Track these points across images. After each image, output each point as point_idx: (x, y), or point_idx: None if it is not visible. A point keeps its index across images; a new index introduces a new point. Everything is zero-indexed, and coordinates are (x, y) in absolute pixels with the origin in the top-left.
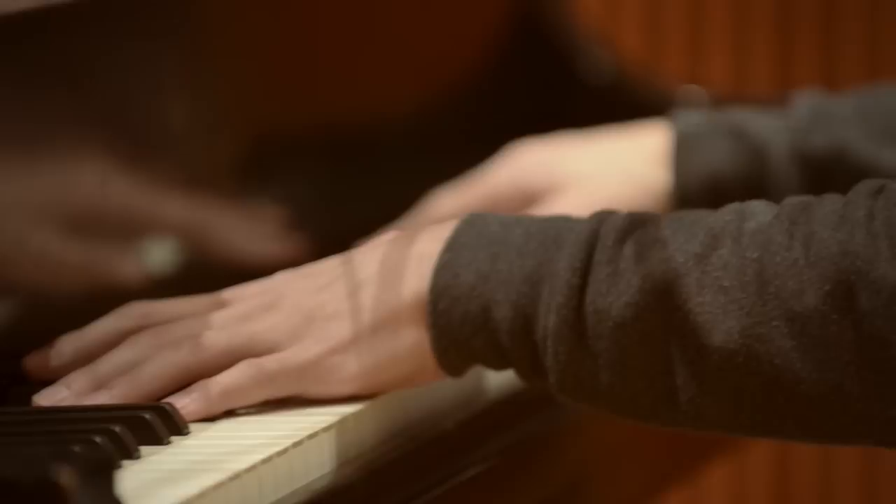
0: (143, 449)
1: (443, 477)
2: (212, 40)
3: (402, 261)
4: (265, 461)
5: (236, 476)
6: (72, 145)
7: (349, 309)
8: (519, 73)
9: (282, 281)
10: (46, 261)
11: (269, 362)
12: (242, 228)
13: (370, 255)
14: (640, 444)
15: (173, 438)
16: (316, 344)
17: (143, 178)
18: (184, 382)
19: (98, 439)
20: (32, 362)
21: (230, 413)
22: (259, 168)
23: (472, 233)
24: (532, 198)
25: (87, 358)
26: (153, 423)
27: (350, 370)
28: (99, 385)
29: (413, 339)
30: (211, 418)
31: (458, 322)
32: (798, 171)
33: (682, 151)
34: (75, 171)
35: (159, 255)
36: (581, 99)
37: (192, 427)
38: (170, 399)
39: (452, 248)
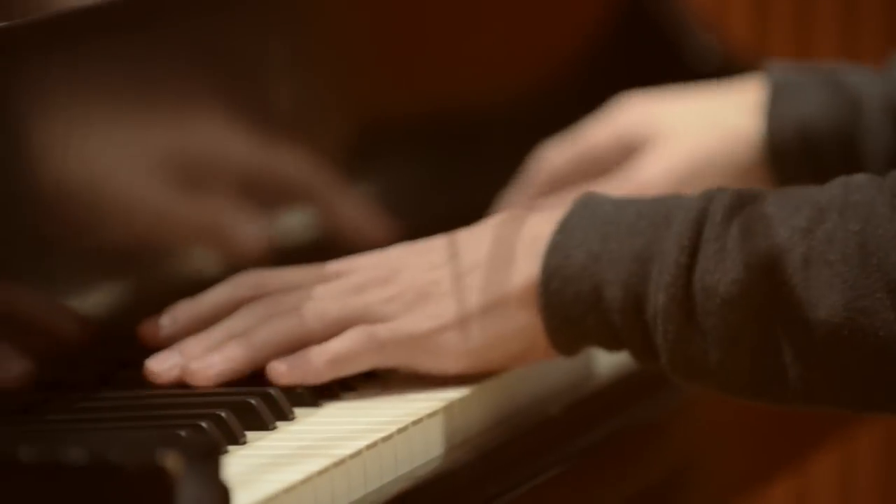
0: (249, 434)
1: (548, 463)
2: (319, 25)
3: (514, 241)
4: (370, 447)
5: (341, 462)
6: (190, 121)
7: (462, 287)
8: (626, 59)
9: (396, 255)
10: (160, 238)
11: (382, 330)
12: (347, 209)
13: (484, 234)
14: (746, 430)
15: (279, 424)
16: (428, 319)
17: (253, 163)
18: (294, 350)
19: (204, 424)
20: (147, 329)
21: (335, 398)
22: (364, 151)
23: (584, 213)
24: (633, 149)
25: (202, 325)
26: (259, 408)
27: (460, 347)
28: (210, 351)
29: (524, 319)
30: (316, 404)
31: (570, 302)
32: (892, 124)
33: (776, 100)
34: (193, 149)
35: (268, 232)
36: (688, 85)
37: (298, 412)
38: (279, 363)
39: (565, 229)
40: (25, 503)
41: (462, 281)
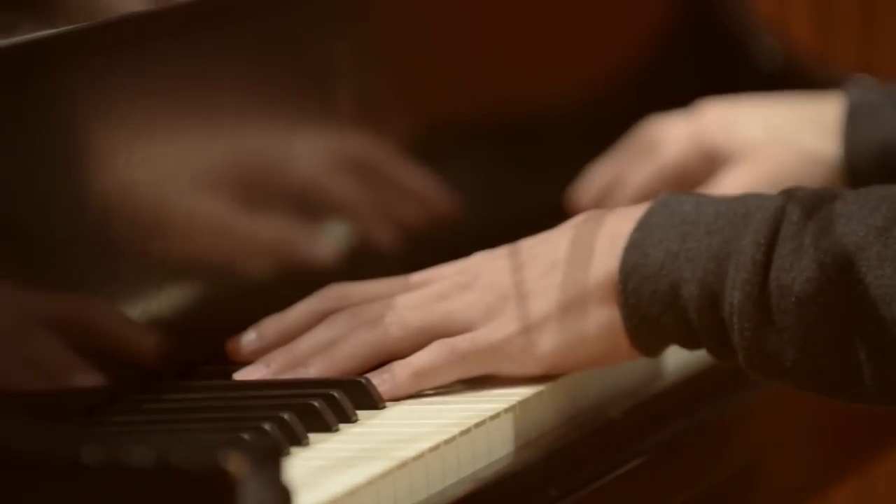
0: (312, 436)
1: (612, 464)
2: (383, 26)
3: (593, 241)
4: (432, 449)
5: (403, 464)
6: (254, 124)
7: (542, 288)
8: (690, 59)
9: (477, 261)
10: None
11: (462, 342)
12: (410, 211)
13: (563, 235)
14: (812, 431)
15: (341, 425)
16: (509, 323)
17: (321, 163)
18: (379, 361)
19: (267, 427)
20: (234, 345)
21: (397, 401)
22: (427, 153)
23: (664, 212)
24: (710, 156)
25: (287, 339)
26: (322, 410)
27: (542, 349)
28: (296, 364)
29: (604, 319)
30: (378, 406)
31: (648, 301)
32: None
33: (854, 121)
34: (256, 150)
35: (332, 237)
36: (752, 85)
37: (360, 414)
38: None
39: (643, 228)
40: None
41: (541, 282)
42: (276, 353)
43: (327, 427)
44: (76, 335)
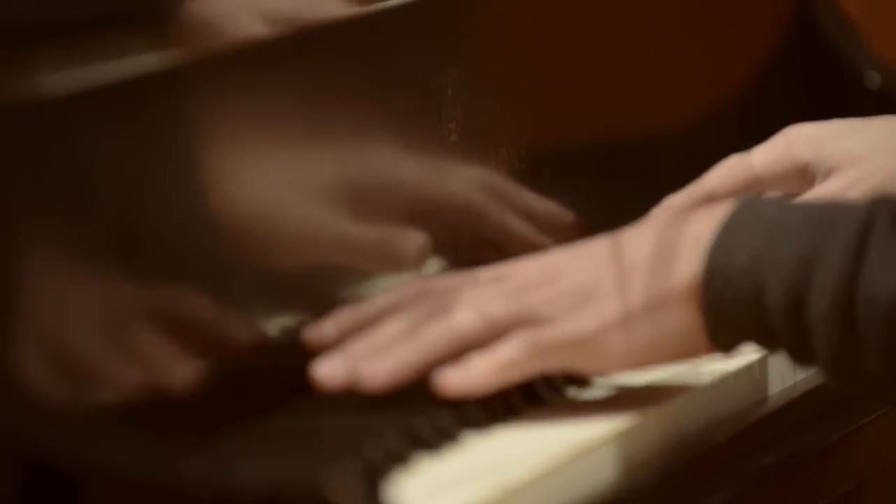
0: (416, 459)
1: (716, 489)
2: (489, 51)
3: (676, 241)
4: (538, 475)
5: (508, 489)
6: (361, 147)
7: (624, 286)
8: (793, 81)
9: (557, 258)
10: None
11: (545, 334)
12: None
13: (646, 233)
14: None
15: (445, 447)
16: (591, 320)
17: (423, 189)
18: (459, 350)
19: (369, 448)
20: (312, 333)
21: (501, 422)
22: (533, 176)
23: (748, 213)
24: (800, 172)
25: (365, 328)
26: (425, 431)
27: (622, 347)
28: (373, 352)
29: (685, 319)
30: (483, 427)
31: (731, 302)
32: None
33: None
34: (363, 174)
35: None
36: (856, 104)
37: (464, 436)
38: (444, 372)
39: (727, 229)
40: None
41: (624, 280)
42: (353, 341)
43: (431, 448)
44: (180, 354)
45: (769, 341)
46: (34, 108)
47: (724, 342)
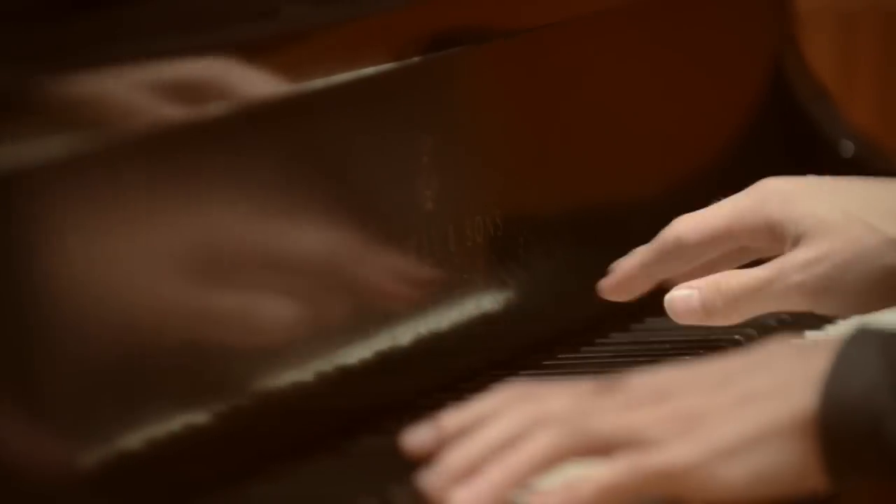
0: None
1: None
2: (461, 120)
3: (791, 370)
4: None
5: None
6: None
7: (735, 416)
8: (769, 148)
9: (668, 376)
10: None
11: (649, 460)
12: (488, 309)
13: (757, 360)
14: None
15: None
16: (698, 447)
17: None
18: (558, 465)
19: None
20: (412, 440)
21: None
22: (507, 249)
23: (861, 342)
24: (770, 229)
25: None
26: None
27: (732, 477)
28: (472, 465)
29: (798, 451)
30: None
31: (848, 435)
32: None
33: None
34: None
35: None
36: (829, 171)
37: None
38: (539, 497)
39: (841, 358)
40: None
41: (735, 410)
42: (453, 452)
43: None
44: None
45: (891, 473)
46: None
47: (842, 478)
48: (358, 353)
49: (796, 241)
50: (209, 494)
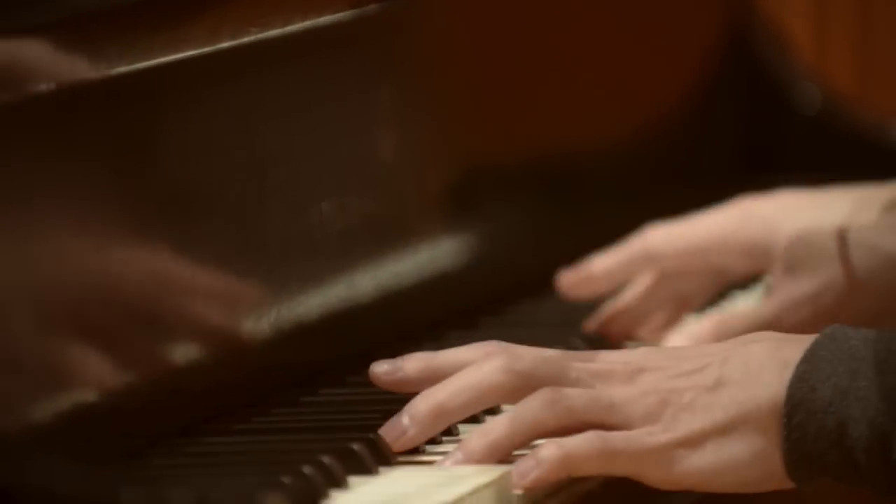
0: (352, 479)
1: None
2: (423, 72)
3: (765, 365)
4: (472, 493)
5: None
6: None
7: (704, 403)
8: (729, 103)
9: (643, 356)
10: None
11: (618, 440)
12: (448, 259)
13: (737, 352)
14: None
15: (381, 469)
16: (665, 431)
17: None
18: (507, 400)
19: (306, 470)
20: (382, 369)
21: (437, 442)
22: (467, 198)
23: (832, 346)
24: (749, 250)
25: (434, 380)
26: (361, 453)
27: (693, 465)
28: (440, 416)
29: (762, 445)
30: (419, 449)
31: (813, 436)
32: None
33: None
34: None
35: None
36: (792, 128)
37: (400, 458)
38: (519, 462)
39: (811, 360)
40: None
41: (704, 396)
42: (419, 398)
43: (367, 470)
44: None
45: (852, 478)
46: None
47: (802, 477)
48: (315, 304)
49: (790, 269)
50: (167, 448)
